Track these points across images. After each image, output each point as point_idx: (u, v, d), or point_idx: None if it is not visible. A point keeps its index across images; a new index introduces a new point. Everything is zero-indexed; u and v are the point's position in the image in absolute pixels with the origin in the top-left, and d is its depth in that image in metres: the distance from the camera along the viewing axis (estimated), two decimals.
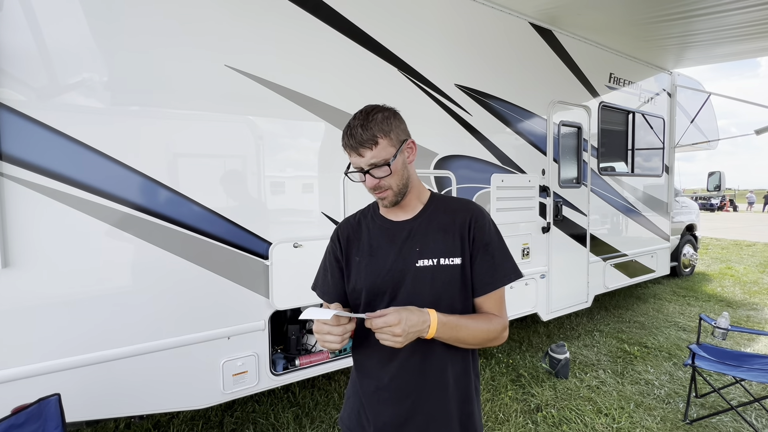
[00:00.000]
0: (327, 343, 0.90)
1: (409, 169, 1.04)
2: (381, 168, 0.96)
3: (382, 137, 0.95)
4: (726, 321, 3.05)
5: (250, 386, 2.16)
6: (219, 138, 2.06)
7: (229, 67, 2.04)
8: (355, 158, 0.97)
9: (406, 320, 0.86)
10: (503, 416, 2.68)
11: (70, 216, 1.71)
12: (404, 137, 1.01)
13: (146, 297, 1.89)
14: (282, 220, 2.25)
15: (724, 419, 2.61)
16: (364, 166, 0.97)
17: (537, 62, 3.49)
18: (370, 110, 0.98)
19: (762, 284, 6.30)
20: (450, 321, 0.93)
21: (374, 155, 0.95)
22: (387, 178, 0.98)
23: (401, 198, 1.03)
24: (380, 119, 0.96)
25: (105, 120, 1.79)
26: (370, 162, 0.96)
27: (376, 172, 0.97)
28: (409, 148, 1.03)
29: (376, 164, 0.96)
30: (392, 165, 0.97)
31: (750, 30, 3.77)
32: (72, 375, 1.72)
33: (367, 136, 0.94)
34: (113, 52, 1.80)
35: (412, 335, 0.88)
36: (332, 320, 0.88)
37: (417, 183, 1.08)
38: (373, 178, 0.97)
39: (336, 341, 0.89)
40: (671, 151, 5.25)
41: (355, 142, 0.95)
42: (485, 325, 0.98)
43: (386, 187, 0.99)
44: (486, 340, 0.99)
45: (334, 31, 2.36)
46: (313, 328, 0.92)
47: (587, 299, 4.04)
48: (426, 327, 0.90)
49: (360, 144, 0.94)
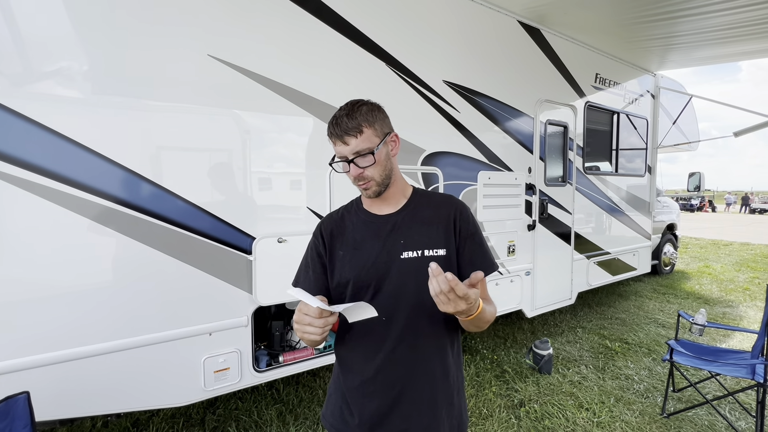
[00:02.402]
0: (307, 335, 0.88)
1: (393, 162, 1.06)
2: (365, 157, 0.98)
3: (366, 127, 0.98)
4: (703, 318, 3.13)
5: (232, 383, 2.12)
6: (201, 130, 2.01)
7: (212, 57, 1.99)
8: (339, 147, 0.99)
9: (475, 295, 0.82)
10: (487, 411, 2.70)
11: (45, 209, 1.64)
12: (388, 130, 1.04)
13: (125, 292, 1.83)
14: (266, 214, 2.21)
15: (699, 413, 2.68)
16: (349, 155, 0.98)
17: (525, 61, 3.51)
18: (355, 102, 1.01)
19: (738, 282, 6.51)
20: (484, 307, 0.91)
21: (359, 144, 0.97)
22: (370, 168, 0.99)
23: (384, 189, 1.04)
24: (365, 110, 0.99)
25: (83, 110, 1.73)
26: (354, 150, 0.97)
27: (360, 161, 0.98)
28: (392, 141, 1.06)
29: (360, 153, 0.98)
30: (376, 154, 0.98)
31: (730, 33, 3.86)
32: (44, 372, 1.66)
33: (352, 124, 0.96)
34: (91, 40, 1.73)
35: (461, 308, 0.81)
36: (314, 311, 0.86)
37: (400, 177, 1.10)
38: (357, 167, 0.99)
39: (317, 333, 0.87)
40: (654, 151, 5.36)
41: (341, 130, 0.97)
42: (492, 309, 1.01)
43: (369, 177, 1.00)
44: (488, 323, 0.98)
45: (323, 24, 2.32)
46: (294, 319, 0.91)
47: (571, 296, 4.11)
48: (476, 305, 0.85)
49: (345, 132, 0.97)
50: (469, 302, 0.81)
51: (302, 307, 0.89)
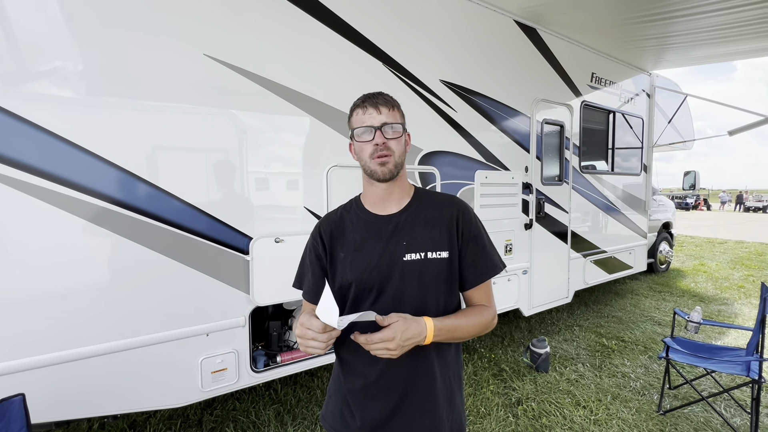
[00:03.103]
0: (311, 348, 0.86)
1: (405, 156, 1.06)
2: (394, 128, 1.00)
3: (397, 109, 1.04)
4: (698, 315, 3.16)
5: (229, 384, 2.12)
6: (197, 130, 2.00)
7: (208, 56, 1.98)
8: (371, 115, 0.99)
9: (402, 334, 0.87)
10: (485, 410, 2.70)
11: (40, 209, 1.63)
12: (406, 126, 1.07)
13: (121, 293, 1.82)
14: (263, 214, 2.21)
15: (695, 409, 2.70)
16: (380, 123, 0.99)
17: (521, 60, 3.52)
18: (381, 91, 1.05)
19: (732, 280, 6.56)
20: (445, 325, 0.94)
21: (391, 115, 1.00)
22: (394, 142, 1.00)
23: (396, 174, 1.03)
24: (392, 98, 1.05)
25: (78, 111, 1.72)
26: (385, 120, 0.99)
27: (388, 131, 1.00)
28: (408, 136, 1.07)
29: (390, 123, 0.99)
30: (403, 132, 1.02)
31: (724, 33, 3.89)
32: (40, 374, 1.65)
33: (388, 98, 1.02)
34: (86, 39, 1.72)
35: (407, 347, 0.89)
36: (318, 326, 0.84)
37: (406, 176, 1.10)
38: (383, 136, 0.99)
39: (320, 347, 0.86)
40: (649, 150, 5.39)
41: (377, 100, 1.00)
42: (478, 319, 1.01)
43: (392, 150, 1.00)
44: (479, 332, 1.02)
45: (319, 23, 2.32)
46: (296, 333, 0.89)
47: (568, 295, 4.12)
48: (422, 337, 0.91)
49: (382, 103, 1.00)
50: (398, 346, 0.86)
51: (305, 321, 0.88)
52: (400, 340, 0.86)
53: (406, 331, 0.87)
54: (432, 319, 0.93)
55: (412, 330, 0.89)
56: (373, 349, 0.88)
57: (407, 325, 0.89)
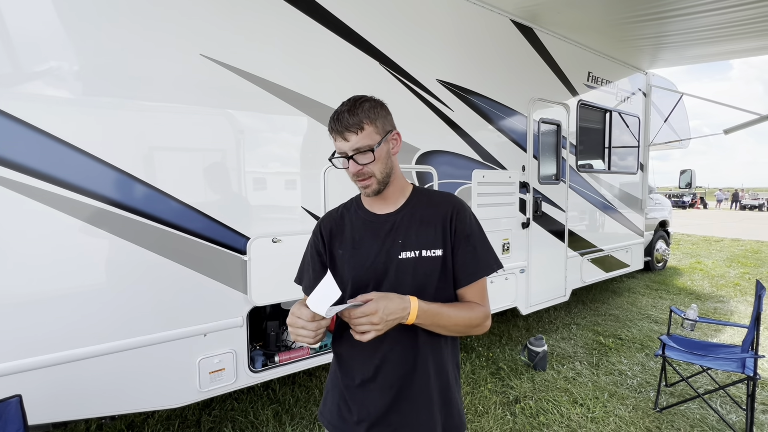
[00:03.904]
0: (300, 337, 0.89)
1: (393, 161, 1.05)
2: (365, 154, 0.97)
3: (368, 124, 0.97)
4: (694, 313, 3.17)
5: (227, 384, 2.12)
6: (194, 130, 2.00)
7: (205, 56, 1.98)
8: (340, 143, 0.98)
9: (384, 308, 0.88)
10: (483, 408, 2.71)
11: (36, 210, 1.62)
12: (390, 128, 1.03)
13: (119, 294, 1.82)
14: (260, 215, 2.21)
15: (691, 406, 2.72)
16: (349, 151, 0.97)
17: (518, 60, 3.53)
18: (358, 98, 0.99)
19: (728, 278, 6.60)
20: (431, 308, 0.95)
21: (359, 140, 0.96)
22: (370, 165, 0.98)
23: (383, 188, 1.03)
24: (367, 107, 0.98)
25: (73, 111, 1.71)
26: (354, 147, 0.96)
27: (359, 158, 0.97)
28: (393, 139, 1.04)
29: (360, 149, 0.96)
30: (376, 151, 0.97)
31: (720, 32, 3.91)
32: (37, 375, 1.64)
33: (353, 121, 0.95)
34: (81, 39, 1.71)
35: (391, 322, 0.89)
36: (307, 315, 0.87)
37: (400, 176, 1.09)
38: (357, 164, 0.98)
39: (309, 336, 0.88)
40: (646, 149, 5.41)
41: (341, 126, 0.96)
42: (466, 313, 1.00)
43: (369, 174, 0.99)
44: (468, 327, 1.01)
45: (316, 23, 2.31)
46: (287, 321, 0.92)
47: (565, 293, 4.14)
48: (406, 314, 0.91)
49: (346, 128, 0.95)
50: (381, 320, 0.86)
51: (295, 311, 0.90)
52: (383, 314, 0.87)
53: (389, 306, 0.88)
54: (418, 300, 0.93)
55: (395, 304, 0.89)
56: (357, 324, 0.88)
57: (389, 299, 0.90)
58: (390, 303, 0.89)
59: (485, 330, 1.05)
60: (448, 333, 1.02)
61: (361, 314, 0.87)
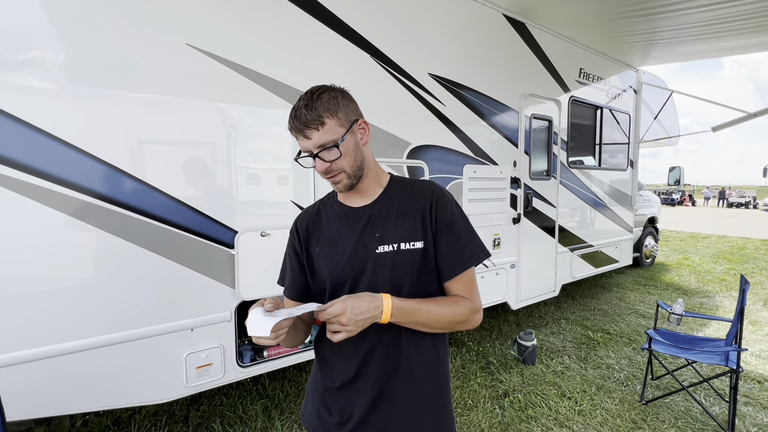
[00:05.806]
0: (260, 340, 0.83)
1: (364, 151, 0.98)
2: (330, 150, 0.91)
3: (328, 117, 0.90)
4: (681, 307, 3.22)
5: (215, 379, 2.10)
6: (181, 123, 1.96)
7: (191, 46, 1.94)
8: (302, 141, 0.91)
9: (352, 308, 0.83)
10: (472, 402, 2.73)
11: (21, 204, 1.58)
12: (355, 117, 0.96)
13: (104, 288, 1.78)
14: (248, 208, 2.18)
15: (676, 399, 2.76)
16: (313, 149, 0.91)
17: (510, 55, 3.52)
18: (315, 90, 0.92)
19: (715, 273, 6.71)
20: (407, 305, 0.90)
21: (321, 137, 0.90)
22: (338, 161, 0.92)
23: (356, 182, 0.98)
24: (326, 99, 0.91)
25: (58, 102, 1.67)
26: (318, 144, 0.90)
27: (325, 155, 0.91)
28: (361, 129, 0.97)
29: (324, 146, 0.90)
30: (341, 146, 0.91)
31: (710, 29, 3.94)
32: (17, 370, 1.61)
33: (312, 116, 0.88)
34: (65, 29, 1.66)
35: (362, 323, 0.85)
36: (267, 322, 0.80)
37: (374, 166, 1.03)
38: (323, 161, 0.92)
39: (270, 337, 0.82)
40: (636, 146, 5.45)
41: (300, 123, 0.89)
42: (450, 308, 0.95)
43: (338, 170, 0.94)
44: (452, 323, 0.96)
45: (307, 15, 2.28)
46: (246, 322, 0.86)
47: (555, 288, 4.17)
48: (378, 313, 0.86)
49: (305, 125, 0.89)
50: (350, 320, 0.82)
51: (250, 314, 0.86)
52: (351, 314, 0.83)
53: (357, 305, 0.84)
54: (392, 297, 0.89)
55: (364, 303, 0.85)
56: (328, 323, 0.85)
57: (359, 298, 0.86)
58: (359, 302, 0.85)
59: (475, 325, 0.98)
60: (430, 330, 0.96)
61: (328, 315, 0.83)
